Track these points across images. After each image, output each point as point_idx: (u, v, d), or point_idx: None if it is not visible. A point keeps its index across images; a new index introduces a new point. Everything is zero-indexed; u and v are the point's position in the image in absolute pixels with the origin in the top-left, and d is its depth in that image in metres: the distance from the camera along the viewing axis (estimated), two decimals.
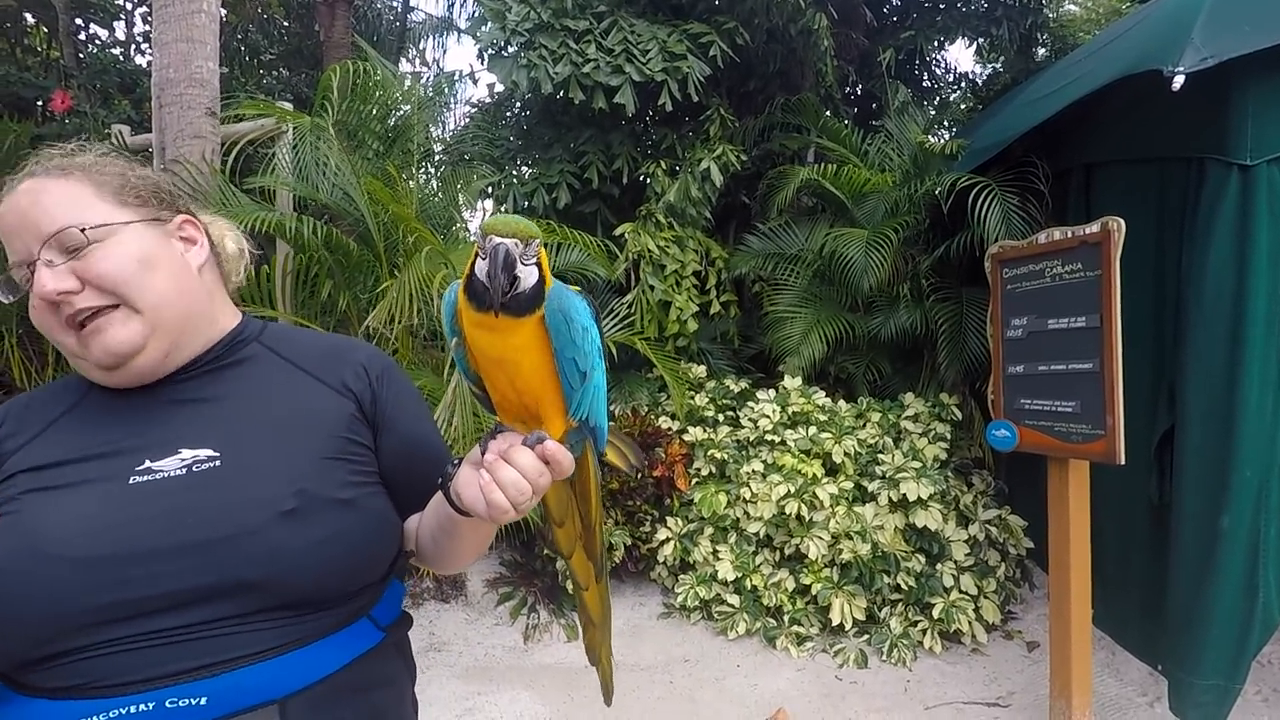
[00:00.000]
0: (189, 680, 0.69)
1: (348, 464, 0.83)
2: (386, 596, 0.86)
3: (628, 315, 4.19)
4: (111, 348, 0.79)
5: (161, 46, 3.33)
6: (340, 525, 0.78)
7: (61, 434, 0.81)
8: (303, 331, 0.98)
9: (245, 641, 0.72)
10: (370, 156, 4.22)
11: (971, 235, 3.65)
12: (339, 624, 0.79)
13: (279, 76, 7.74)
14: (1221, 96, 2.40)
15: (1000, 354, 2.92)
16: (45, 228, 0.78)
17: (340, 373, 0.89)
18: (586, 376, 0.74)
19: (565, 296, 0.73)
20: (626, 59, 4.17)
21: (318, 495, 0.78)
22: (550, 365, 0.73)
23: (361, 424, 0.87)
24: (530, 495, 0.70)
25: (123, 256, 0.80)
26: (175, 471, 0.77)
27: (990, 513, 3.69)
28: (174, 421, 0.82)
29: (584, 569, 0.93)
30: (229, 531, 0.73)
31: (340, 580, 0.79)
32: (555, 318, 0.71)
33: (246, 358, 0.89)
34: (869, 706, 2.93)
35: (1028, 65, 5.73)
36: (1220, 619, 2.45)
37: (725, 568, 3.52)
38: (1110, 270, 2.44)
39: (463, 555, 0.90)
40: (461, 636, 3.47)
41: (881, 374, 4.33)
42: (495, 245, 0.69)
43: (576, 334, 0.72)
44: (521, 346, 0.73)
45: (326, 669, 0.76)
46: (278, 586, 0.74)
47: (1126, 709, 2.86)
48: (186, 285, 0.85)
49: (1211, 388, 2.48)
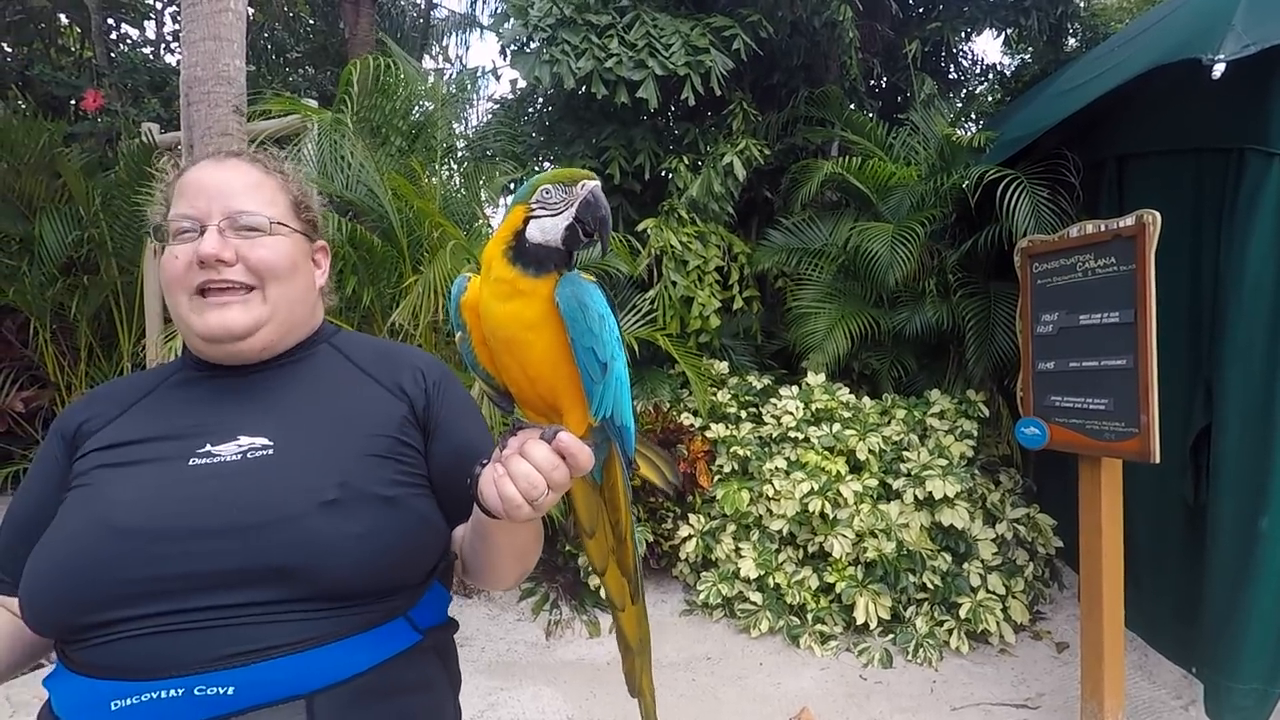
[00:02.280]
0: (219, 669, 0.70)
1: (395, 463, 0.84)
2: (427, 599, 0.86)
3: (650, 311, 4.17)
4: (228, 324, 0.85)
5: (190, 45, 3.37)
6: (380, 521, 0.79)
7: (136, 417, 0.87)
8: (368, 337, 1.05)
9: (277, 632, 0.73)
10: (393, 153, 4.25)
11: (1000, 229, 3.59)
12: (374, 621, 0.79)
13: (305, 74, 7.84)
14: (1262, 85, 2.33)
15: (1030, 350, 2.86)
16: (235, 202, 0.87)
17: (397, 375, 0.93)
18: (607, 368, 0.70)
19: (579, 283, 0.70)
20: (649, 53, 4.15)
21: (360, 489, 0.79)
22: (564, 350, 0.70)
23: (413, 426, 0.89)
24: (544, 490, 0.68)
25: (284, 253, 0.89)
26: (231, 456, 0.81)
27: (1018, 511, 3.63)
28: (237, 410, 0.86)
29: (619, 587, 0.89)
30: (270, 517, 0.76)
31: (376, 576, 0.79)
32: (570, 304, 0.68)
33: (315, 355, 0.95)
34: (894, 707, 2.89)
35: (1058, 56, 5.62)
36: (1259, 622, 2.40)
37: (748, 565, 3.50)
38: (1145, 264, 2.38)
39: (500, 565, 0.88)
40: (484, 632, 3.49)
41: (906, 370, 4.27)
42: (592, 187, 0.71)
43: (593, 321, 0.68)
44: (534, 324, 0.70)
45: (357, 667, 0.76)
46: (312, 575, 0.75)
47: (1160, 712, 2.80)
48: (305, 297, 0.94)
49: (1251, 385, 2.42)
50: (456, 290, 0.77)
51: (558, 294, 0.68)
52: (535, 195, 0.71)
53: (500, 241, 0.72)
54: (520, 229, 0.71)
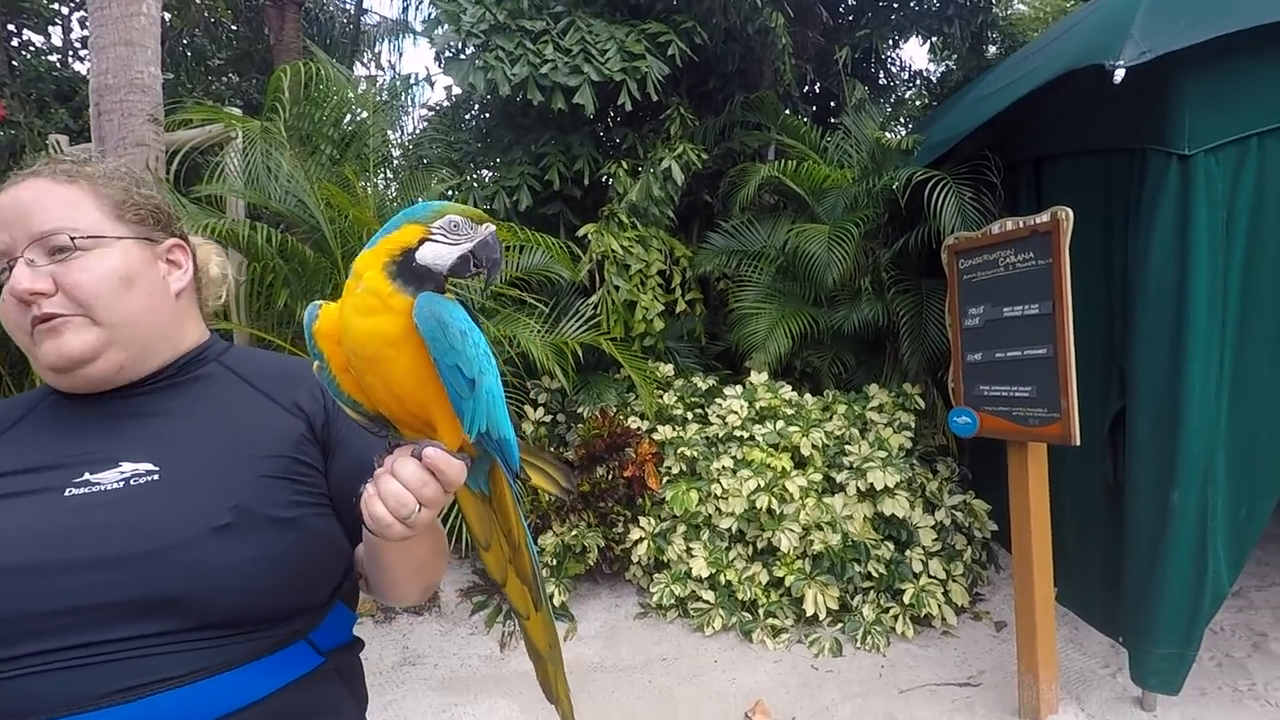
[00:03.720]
0: (108, 705, 0.68)
1: (292, 483, 0.82)
2: (330, 621, 0.85)
3: (593, 316, 4.18)
4: (65, 351, 0.79)
5: (99, 50, 3.23)
6: (276, 544, 0.77)
7: (9, 445, 0.82)
8: (265, 353, 0.99)
9: (170, 663, 0.71)
10: (324, 162, 4.15)
11: (929, 228, 3.74)
12: (273, 646, 0.78)
13: (228, 82, 7.56)
14: (1160, 90, 2.49)
15: (959, 343, 2.99)
16: (36, 226, 0.79)
17: (294, 393, 0.89)
18: (475, 384, 0.66)
19: (436, 300, 0.67)
20: (584, 59, 4.16)
21: (255, 512, 0.77)
22: (429, 367, 0.66)
23: (311, 444, 0.86)
24: (414, 508, 0.65)
25: (103, 271, 0.81)
26: (113, 485, 0.77)
27: (955, 498, 3.78)
28: (118, 435, 0.82)
29: (520, 595, 0.86)
30: (157, 545, 0.73)
31: (273, 600, 0.77)
32: (429, 323, 0.64)
33: (203, 376, 0.89)
34: (845, 694, 2.98)
35: (979, 63, 5.88)
36: (1174, 590, 2.55)
37: (699, 564, 3.55)
38: (1060, 258, 2.52)
39: (399, 582, 0.86)
40: (437, 649, 3.43)
41: (846, 367, 4.40)
42: (493, 230, 0.72)
43: (454, 338, 0.65)
44: (396, 341, 0.66)
45: (255, 694, 0.75)
46: (204, 604, 0.73)
47: (1090, 681, 2.95)
48: (158, 307, 0.86)
49: (1158, 370, 2.58)
50: (309, 319, 0.73)
51: (415, 313, 0.65)
52: (440, 221, 0.70)
53: (384, 254, 0.69)
54: (412, 247, 0.69)
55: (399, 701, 3.01)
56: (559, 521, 3.78)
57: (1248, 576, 3.74)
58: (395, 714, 2.92)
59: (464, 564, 4.02)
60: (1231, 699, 2.79)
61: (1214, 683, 2.89)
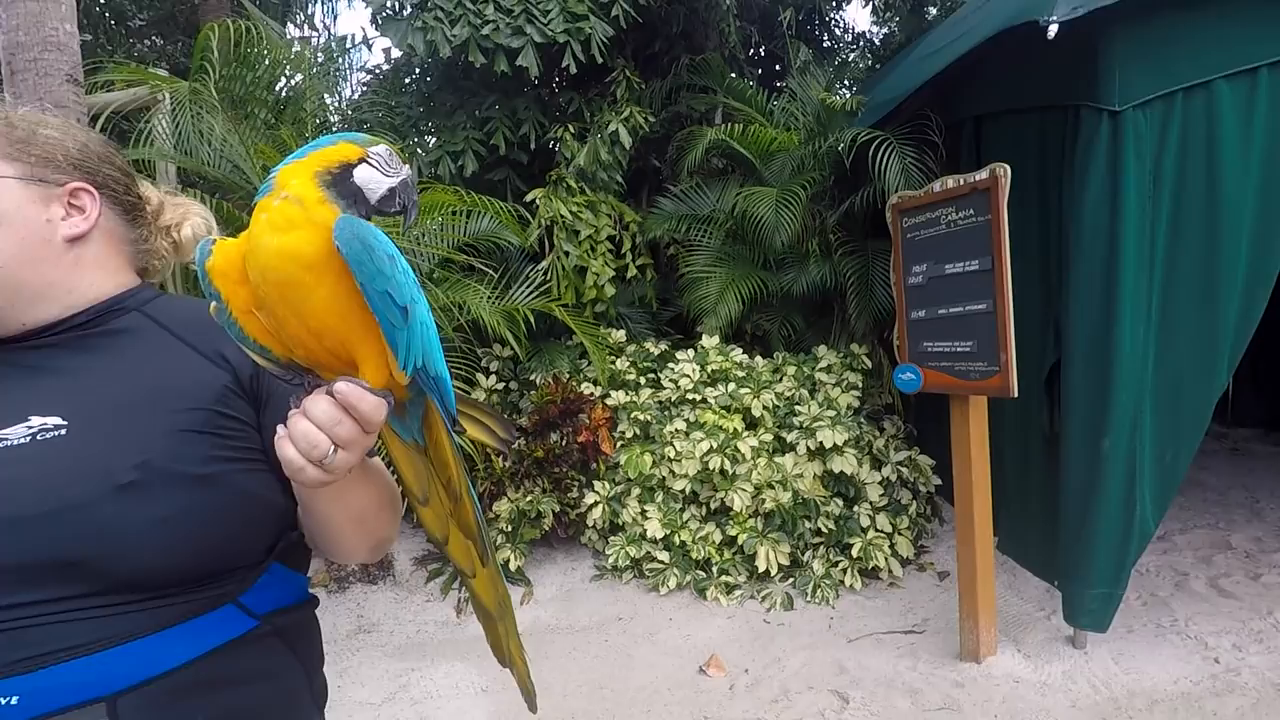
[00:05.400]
0: (6, 675, 0.65)
1: (212, 438, 0.78)
2: (265, 582, 0.81)
3: (544, 283, 4.14)
4: None
5: (7, 5, 3.02)
6: (188, 503, 0.73)
7: None
8: (194, 301, 0.92)
9: (70, 632, 0.67)
10: (259, 126, 3.98)
11: (874, 189, 3.78)
12: (194, 611, 0.74)
13: (152, 45, 7.17)
14: (1092, 46, 2.54)
15: (903, 300, 3.05)
16: None
17: (220, 343, 0.82)
18: (408, 312, 0.61)
19: (356, 221, 0.61)
20: (526, 20, 4.06)
21: (165, 469, 0.73)
22: (352, 295, 0.60)
23: (237, 397, 0.81)
24: (326, 450, 0.60)
25: None
26: (19, 440, 0.72)
27: (901, 454, 3.88)
28: (27, 388, 0.77)
29: (464, 552, 0.80)
30: (55, 505, 0.69)
31: (190, 562, 0.74)
32: (352, 245, 0.58)
33: (120, 328, 0.84)
34: (796, 644, 3.06)
35: (921, 24, 5.93)
36: (1104, 532, 2.68)
37: (654, 526, 3.58)
38: (999, 215, 2.58)
39: (338, 536, 0.82)
40: (392, 616, 3.41)
41: (795, 329, 4.45)
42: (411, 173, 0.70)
43: (381, 262, 0.59)
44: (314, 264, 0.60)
45: (171, 662, 0.72)
46: (104, 567, 0.69)
47: (1027, 624, 3.09)
48: (30, 251, 0.80)
49: (1091, 322, 2.67)
50: (201, 255, 0.67)
51: (336, 234, 0.59)
52: (378, 149, 0.67)
53: (319, 163, 0.64)
54: (351, 163, 0.65)
55: (355, 669, 2.98)
56: (513, 488, 3.77)
57: (1171, 520, 3.95)
58: (351, 680, 2.90)
59: (418, 533, 3.98)
60: (1155, 634, 2.96)
61: (1140, 620, 3.05)
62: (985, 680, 2.71)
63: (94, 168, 0.87)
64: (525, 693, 0.88)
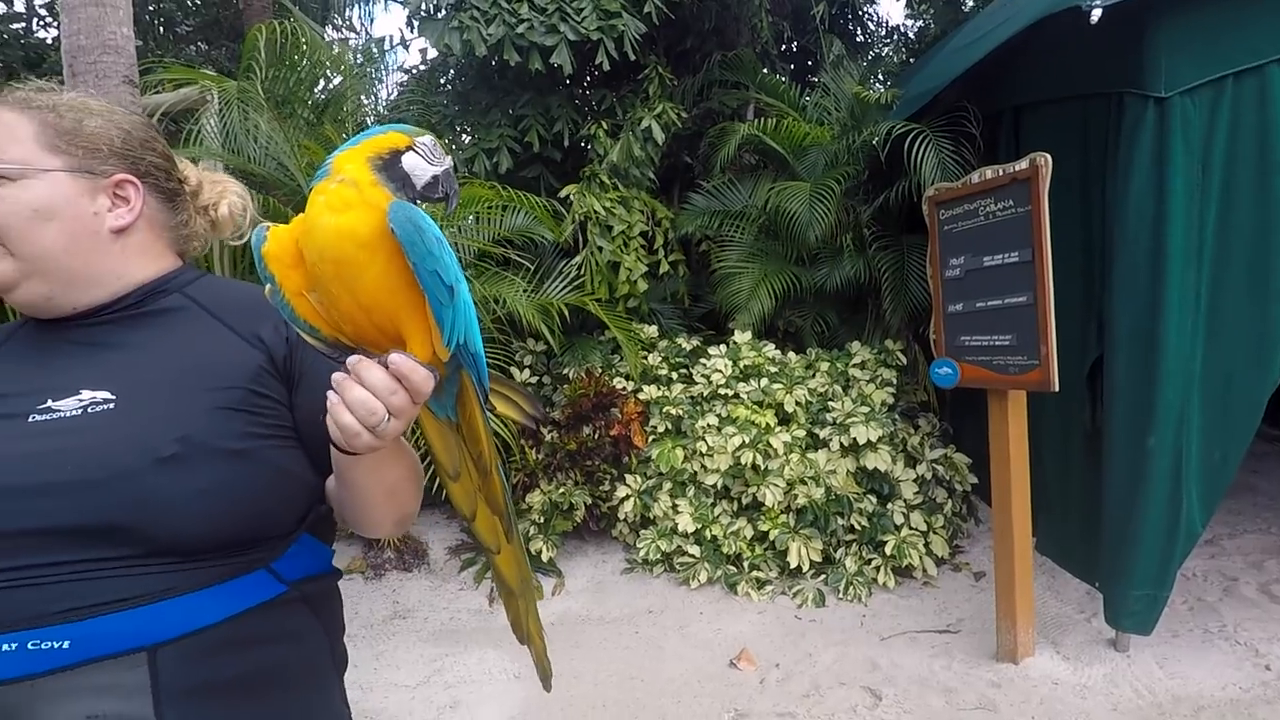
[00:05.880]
0: (54, 624, 0.70)
1: (248, 415, 0.82)
2: (295, 551, 0.85)
3: (577, 277, 4.17)
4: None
5: (69, 11, 3.15)
6: (225, 476, 0.78)
7: None
8: (235, 284, 0.97)
9: (116, 587, 0.72)
10: (301, 125, 4.08)
11: (909, 183, 3.73)
12: (228, 574, 0.79)
13: (198, 50, 7.39)
14: (1137, 32, 2.48)
15: (940, 294, 3.00)
16: None
17: (256, 325, 0.88)
18: (454, 291, 0.66)
19: (410, 206, 0.66)
20: (560, 18, 4.10)
21: (204, 444, 0.78)
22: (403, 274, 0.65)
23: (271, 376, 0.85)
24: (384, 416, 0.65)
25: (18, 203, 0.80)
26: (72, 412, 0.78)
27: (937, 452, 3.82)
28: (80, 364, 0.82)
29: (490, 528, 0.84)
30: (103, 474, 0.74)
31: (223, 530, 0.78)
32: (405, 226, 0.63)
33: (166, 308, 0.89)
34: (828, 641, 3.03)
35: (956, 16, 5.83)
36: (1149, 532, 2.60)
37: (685, 520, 3.58)
38: (1039, 205, 2.53)
39: (371, 508, 0.85)
40: (426, 603, 3.46)
41: (828, 325, 4.41)
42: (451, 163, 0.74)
43: (431, 243, 0.64)
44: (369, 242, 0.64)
45: (206, 619, 0.76)
46: (149, 533, 0.74)
47: (1066, 626, 3.02)
48: (80, 243, 0.85)
49: (1136, 314, 2.60)
50: (257, 241, 0.72)
51: (390, 216, 0.63)
52: (424, 139, 0.72)
53: (371, 150, 0.69)
54: (400, 150, 0.70)
55: (390, 652, 3.04)
56: (546, 480, 3.80)
57: (1219, 524, 3.82)
58: (387, 663, 2.95)
59: (451, 523, 4.04)
60: (1202, 640, 2.86)
61: (1185, 625, 2.96)
62: (1023, 681, 2.66)
63: (137, 156, 0.90)
64: (541, 670, 0.92)
